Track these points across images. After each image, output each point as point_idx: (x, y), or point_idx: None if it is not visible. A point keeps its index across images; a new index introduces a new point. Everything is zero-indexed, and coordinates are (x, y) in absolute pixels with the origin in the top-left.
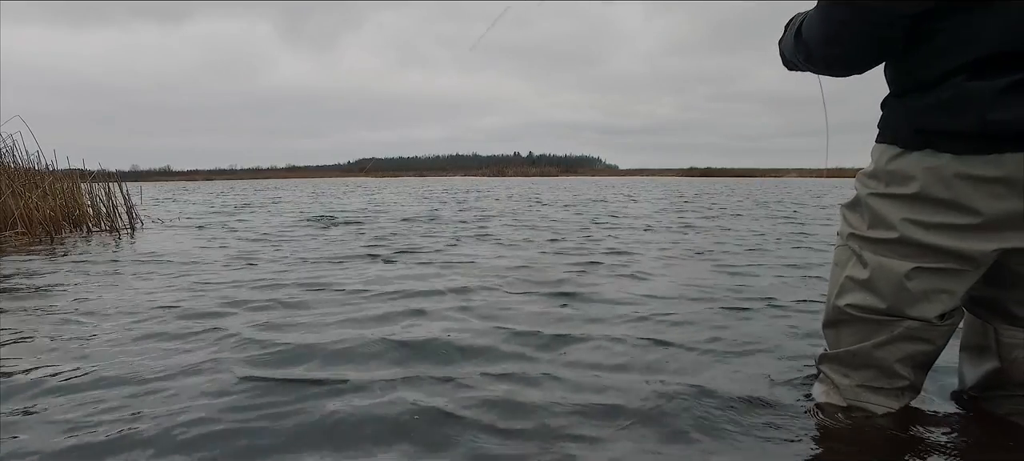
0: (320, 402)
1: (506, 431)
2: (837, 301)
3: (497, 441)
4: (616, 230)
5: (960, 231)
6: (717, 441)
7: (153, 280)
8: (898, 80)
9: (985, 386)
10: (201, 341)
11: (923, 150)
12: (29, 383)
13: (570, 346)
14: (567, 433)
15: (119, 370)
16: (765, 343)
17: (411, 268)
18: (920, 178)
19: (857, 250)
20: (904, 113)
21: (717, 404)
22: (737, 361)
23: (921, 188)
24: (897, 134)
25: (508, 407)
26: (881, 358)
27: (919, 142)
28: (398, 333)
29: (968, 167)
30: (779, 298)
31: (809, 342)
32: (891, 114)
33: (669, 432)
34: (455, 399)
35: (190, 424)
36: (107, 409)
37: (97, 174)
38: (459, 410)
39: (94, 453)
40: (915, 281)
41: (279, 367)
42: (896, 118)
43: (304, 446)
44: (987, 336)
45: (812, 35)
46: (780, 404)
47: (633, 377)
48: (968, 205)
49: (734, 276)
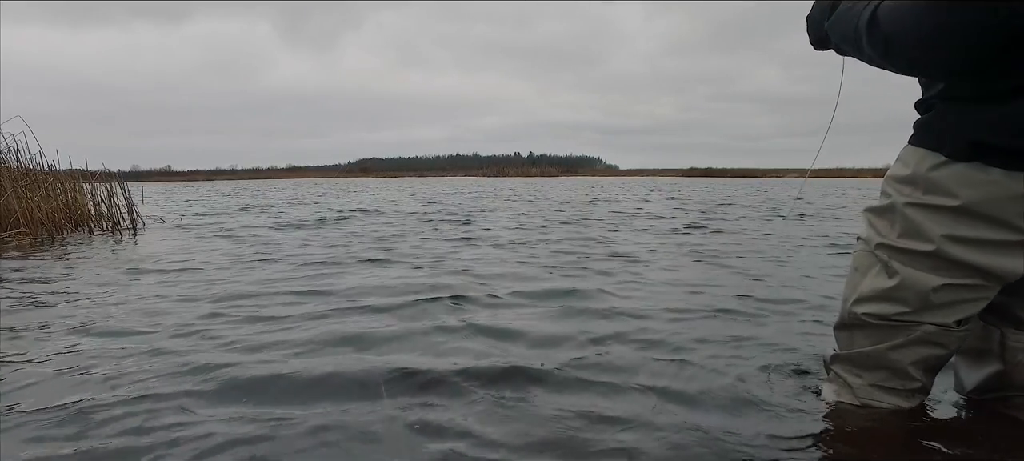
0: (317, 415)
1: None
2: (854, 307)
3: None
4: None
5: (998, 248)
6: (724, 443)
7: (155, 284)
8: (958, 86)
9: (986, 389)
10: (202, 346)
11: (971, 162)
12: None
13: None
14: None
15: (120, 370)
16: (767, 342)
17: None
18: (966, 192)
19: (885, 259)
20: (958, 122)
21: (721, 404)
22: (739, 360)
23: (965, 202)
24: (943, 141)
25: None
26: (895, 360)
27: (968, 154)
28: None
29: (1018, 184)
30: (804, 300)
31: (805, 340)
32: (939, 119)
33: (674, 429)
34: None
35: (195, 438)
36: (106, 420)
37: (99, 174)
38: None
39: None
40: (941, 293)
41: (276, 372)
42: (946, 125)
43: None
44: (990, 340)
45: (903, 31)
46: (785, 402)
47: (637, 380)
48: (1011, 222)
49: (739, 275)
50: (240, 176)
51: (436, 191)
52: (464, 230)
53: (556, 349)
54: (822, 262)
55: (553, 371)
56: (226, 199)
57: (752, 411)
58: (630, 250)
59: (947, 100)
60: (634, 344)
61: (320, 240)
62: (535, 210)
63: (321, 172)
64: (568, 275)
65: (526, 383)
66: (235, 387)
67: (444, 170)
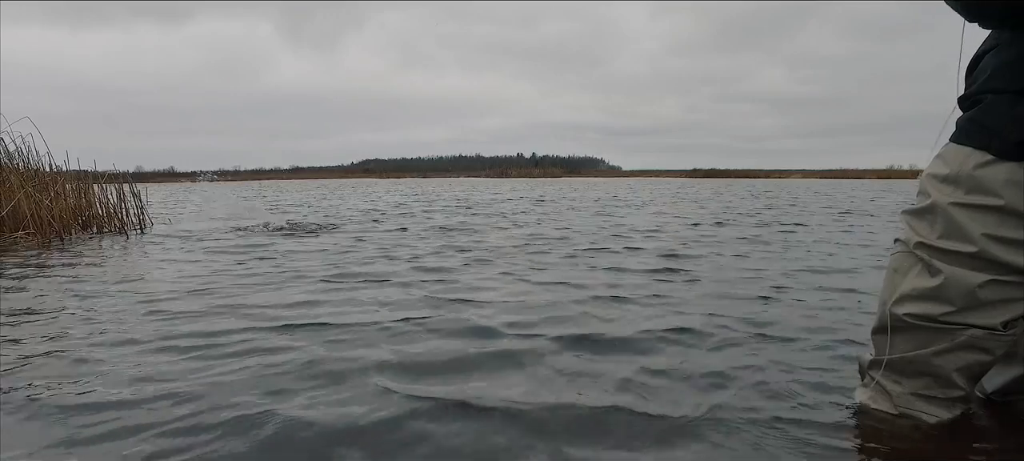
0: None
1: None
2: (894, 308)
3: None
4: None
5: None
6: (755, 450)
7: (161, 284)
8: (1016, 80)
9: (1008, 390)
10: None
11: (1020, 161)
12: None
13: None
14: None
15: (118, 376)
16: (799, 344)
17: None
18: (1010, 192)
19: (925, 258)
20: (1015, 119)
21: (747, 411)
22: (771, 365)
23: (1009, 202)
24: (992, 139)
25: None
26: (939, 366)
27: (1018, 153)
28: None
29: None
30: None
31: (827, 340)
32: (990, 116)
33: (704, 436)
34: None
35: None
36: (101, 421)
37: (107, 175)
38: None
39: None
40: (987, 290)
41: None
42: (997, 121)
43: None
44: (1016, 342)
45: None
46: (819, 408)
47: (664, 381)
48: None
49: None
50: (243, 177)
51: (494, 193)
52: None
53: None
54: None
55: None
56: (237, 201)
57: (782, 415)
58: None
59: (1004, 93)
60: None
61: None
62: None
63: (325, 173)
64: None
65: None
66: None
67: (447, 171)
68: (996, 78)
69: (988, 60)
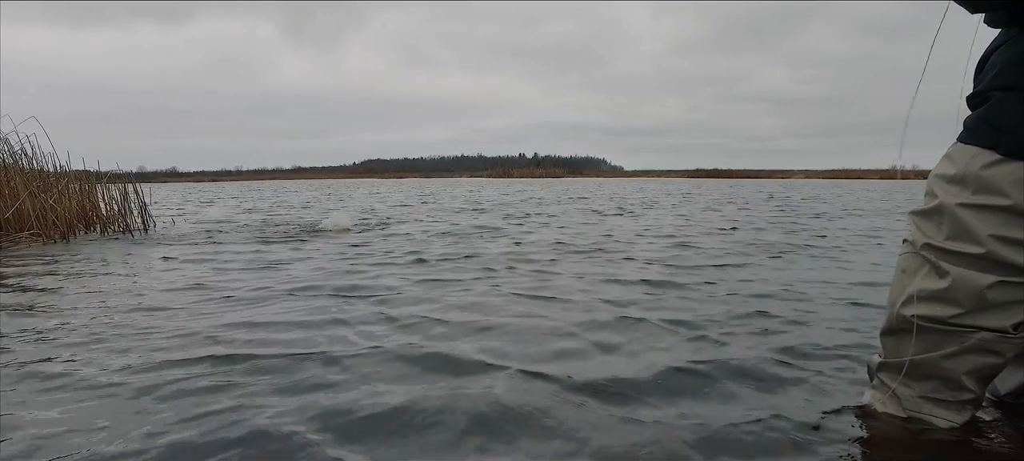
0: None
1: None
2: (903, 309)
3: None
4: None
5: None
6: (760, 450)
7: (165, 288)
8: (1016, 73)
9: (1022, 393)
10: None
11: None
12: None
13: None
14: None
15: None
16: (805, 348)
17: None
18: (1018, 192)
19: (933, 260)
20: (1020, 114)
21: (757, 414)
22: (777, 366)
23: (1017, 202)
24: (1000, 138)
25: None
26: (949, 369)
27: None
28: None
29: None
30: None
31: (829, 339)
32: (999, 114)
33: (711, 437)
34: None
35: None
36: (98, 427)
37: (111, 175)
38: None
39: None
40: (996, 291)
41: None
42: (1006, 119)
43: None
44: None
45: None
46: (828, 412)
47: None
48: None
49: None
50: (246, 177)
51: (503, 195)
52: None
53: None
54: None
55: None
56: (236, 200)
57: (791, 419)
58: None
59: (1008, 90)
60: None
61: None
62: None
63: (327, 173)
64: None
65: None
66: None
67: (449, 171)
68: (1004, 74)
69: (997, 57)
